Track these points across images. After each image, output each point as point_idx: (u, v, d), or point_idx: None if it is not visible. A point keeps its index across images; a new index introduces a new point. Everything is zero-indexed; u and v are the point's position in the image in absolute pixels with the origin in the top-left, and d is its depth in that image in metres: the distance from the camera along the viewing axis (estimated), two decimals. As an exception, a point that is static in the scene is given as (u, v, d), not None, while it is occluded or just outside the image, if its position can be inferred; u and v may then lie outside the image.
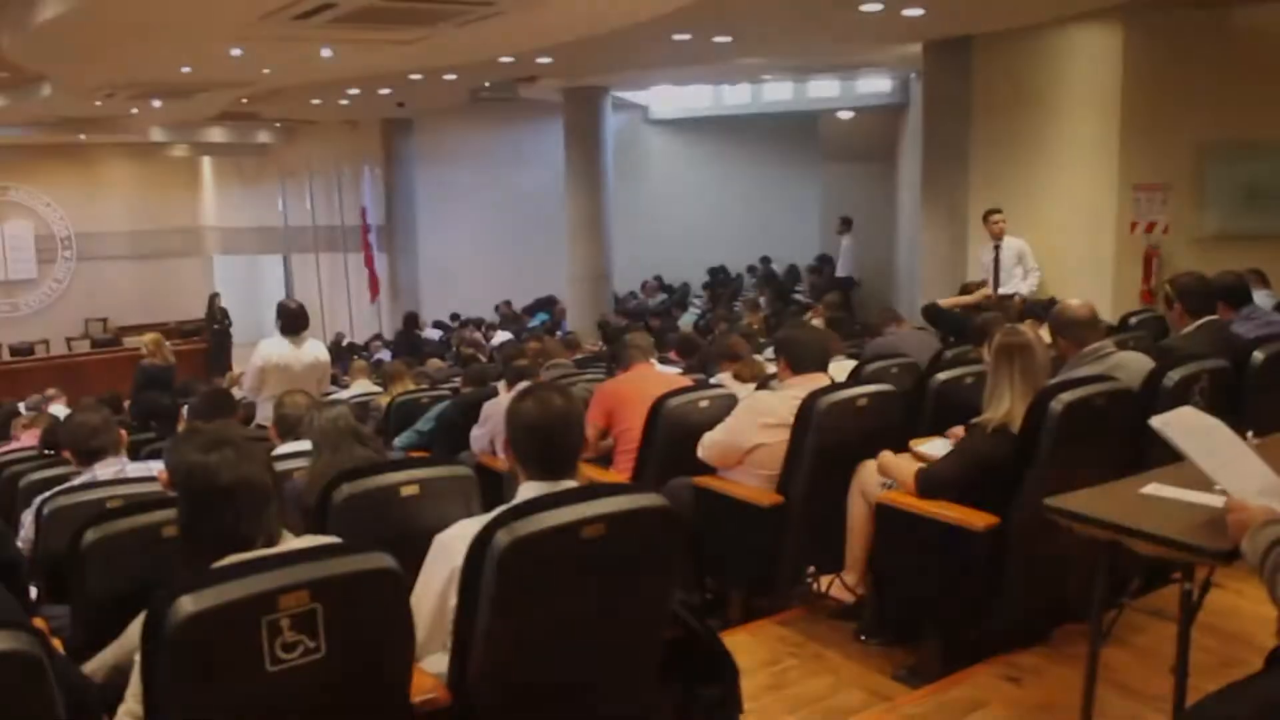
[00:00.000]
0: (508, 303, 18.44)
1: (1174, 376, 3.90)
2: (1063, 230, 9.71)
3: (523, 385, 5.34)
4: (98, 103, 13.81)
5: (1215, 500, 2.55)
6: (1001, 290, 9.34)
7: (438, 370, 10.32)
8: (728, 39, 11.11)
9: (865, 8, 9.06)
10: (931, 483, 3.67)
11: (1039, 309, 6.84)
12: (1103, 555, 2.88)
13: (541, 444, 2.64)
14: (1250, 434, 2.92)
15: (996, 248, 9.64)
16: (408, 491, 3.11)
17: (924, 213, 11.50)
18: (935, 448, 4.05)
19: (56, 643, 2.80)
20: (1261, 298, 6.94)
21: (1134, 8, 9.03)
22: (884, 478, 3.92)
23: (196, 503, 2.39)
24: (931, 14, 9.40)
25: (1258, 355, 4.44)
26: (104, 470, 4.13)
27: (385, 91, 15.12)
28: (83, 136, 18.93)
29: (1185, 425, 2.67)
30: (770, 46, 12.36)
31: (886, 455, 3.95)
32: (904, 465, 3.83)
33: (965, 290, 8.08)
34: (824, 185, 18.19)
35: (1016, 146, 10.24)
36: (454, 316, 18.43)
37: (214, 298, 19.27)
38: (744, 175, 19.72)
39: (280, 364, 6.96)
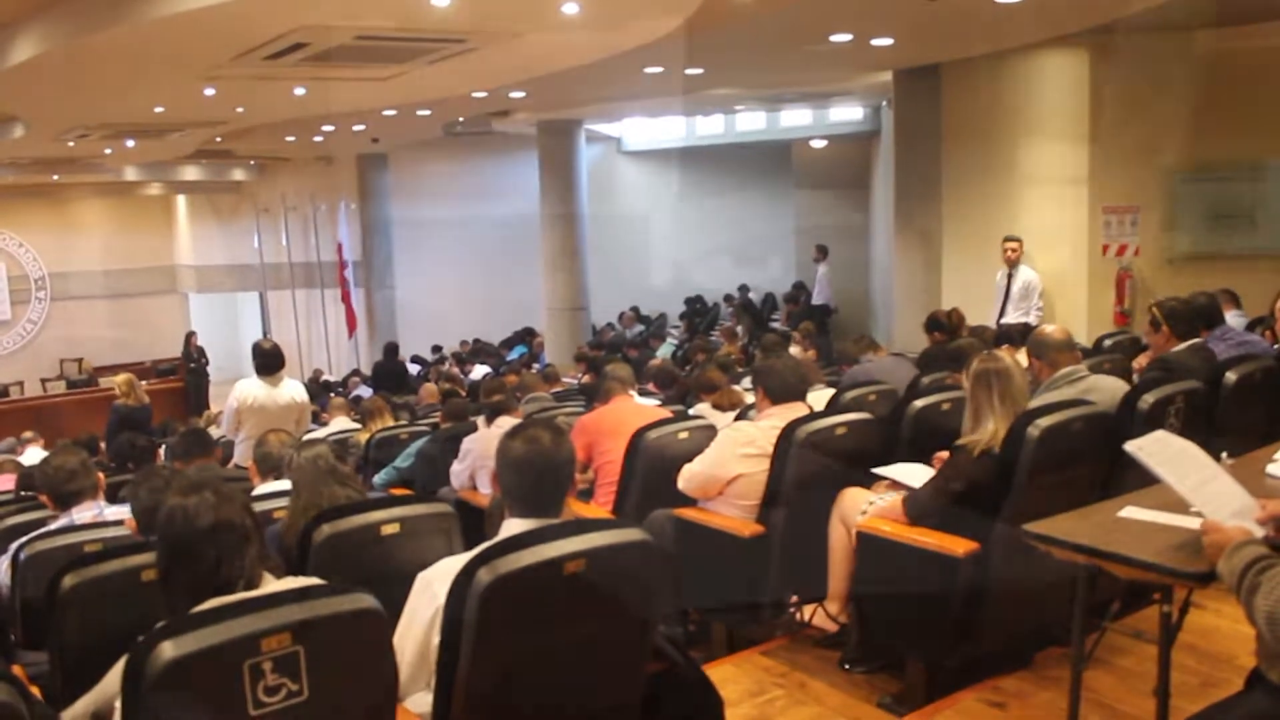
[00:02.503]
0: (474, 341, 18.42)
1: (1149, 399, 3.92)
2: (1035, 254, 9.79)
3: (508, 420, 5.38)
4: (71, 143, 13.77)
5: (1191, 522, 2.57)
6: (1006, 320, 9.30)
7: (427, 406, 10.15)
8: (699, 70, 11.20)
9: (835, 38, 9.16)
10: (918, 507, 3.68)
11: (1014, 334, 6.86)
12: (1082, 579, 2.90)
13: (530, 482, 2.64)
14: (1224, 455, 2.95)
15: (1009, 275, 9.68)
16: (388, 530, 3.11)
17: (896, 239, 11.56)
18: (899, 472, 4.05)
19: (35, 690, 2.77)
20: (1234, 318, 7.01)
21: (1099, 33, 9.15)
22: (865, 505, 3.92)
23: (176, 546, 2.37)
24: (900, 43, 9.51)
25: (1230, 376, 4.48)
26: (81, 514, 4.09)
27: (359, 127, 15.15)
28: (56, 177, 18.88)
29: (1159, 449, 2.69)
30: (742, 77, 12.46)
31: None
32: (893, 499, 3.83)
33: (934, 320, 7.88)
34: (798, 213, 18.31)
35: (987, 172, 10.32)
36: (435, 349, 18.42)
37: (190, 336, 19.20)
38: (719, 205, 19.84)
39: (256, 405, 6.91)
